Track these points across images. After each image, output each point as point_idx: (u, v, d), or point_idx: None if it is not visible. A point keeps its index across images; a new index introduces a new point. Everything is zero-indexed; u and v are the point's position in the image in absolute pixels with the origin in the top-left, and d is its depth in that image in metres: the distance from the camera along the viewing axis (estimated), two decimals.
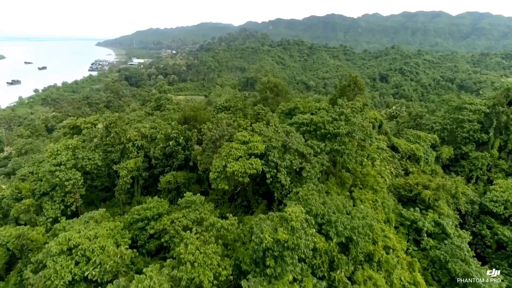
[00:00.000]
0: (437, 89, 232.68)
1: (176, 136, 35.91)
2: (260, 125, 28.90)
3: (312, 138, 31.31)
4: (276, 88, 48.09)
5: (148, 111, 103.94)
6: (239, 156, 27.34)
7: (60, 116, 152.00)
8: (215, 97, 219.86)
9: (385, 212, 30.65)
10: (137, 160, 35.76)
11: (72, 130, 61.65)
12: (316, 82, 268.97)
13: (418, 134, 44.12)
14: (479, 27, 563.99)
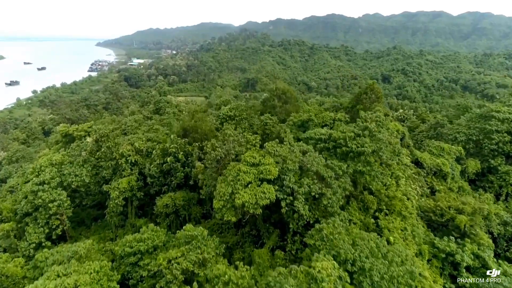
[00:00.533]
0: (441, 90, 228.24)
1: (174, 151, 31.57)
2: (273, 145, 24.51)
3: (331, 156, 26.96)
4: (285, 95, 43.56)
5: (147, 114, 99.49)
6: (249, 182, 22.98)
7: (57, 119, 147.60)
8: (215, 98, 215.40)
9: (416, 243, 26.33)
10: (130, 178, 31.42)
11: (65, 138, 57.29)
12: (317, 83, 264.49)
13: (442, 146, 39.78)
14: (480, 27, 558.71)
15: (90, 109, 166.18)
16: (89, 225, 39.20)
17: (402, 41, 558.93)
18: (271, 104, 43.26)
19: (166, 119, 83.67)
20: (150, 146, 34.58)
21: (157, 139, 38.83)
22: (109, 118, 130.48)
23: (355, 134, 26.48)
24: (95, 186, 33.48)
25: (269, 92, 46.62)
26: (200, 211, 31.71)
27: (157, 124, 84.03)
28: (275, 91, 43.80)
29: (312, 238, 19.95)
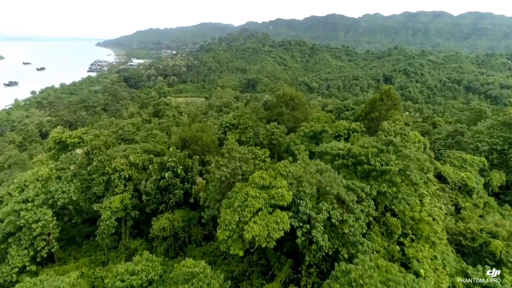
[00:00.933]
0: (444, 91, 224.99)
1: (173, 165, 28.21)
2: (285, 165, 21.08)
3: (350, 175, 23.57)
4: (293, 101, 40.23)
5: (146, 117, 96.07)
6: (259, 209, 19.63)
7: (55, 121, 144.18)
8: (216, 100, 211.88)
9: (447, 273, 22.97)
10: (124, 196, 28.05)
11: (58, 146, 53.87)
12: (318, 84, 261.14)
13: (463, 156, 36.44)
14: (480, 27, 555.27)
15: (88, 111, 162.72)
16: (80, 243, 35.76)
17: (403, 41, 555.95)
18: (278, 111, 39.93)
19: (165, 123, 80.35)
20: (146, 159, 31.19)
21: (155, 150, 35.43)
22: (107, 120, 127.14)
23: (378, 149, 23.10)
24: (86, 202, 30.13)
25: (275, 98, 43.17)
26: (201, 232, 28.38)
27: (156, 128, 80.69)
28: (282, 97, 40.45)
29: (337, 281, 16.59)
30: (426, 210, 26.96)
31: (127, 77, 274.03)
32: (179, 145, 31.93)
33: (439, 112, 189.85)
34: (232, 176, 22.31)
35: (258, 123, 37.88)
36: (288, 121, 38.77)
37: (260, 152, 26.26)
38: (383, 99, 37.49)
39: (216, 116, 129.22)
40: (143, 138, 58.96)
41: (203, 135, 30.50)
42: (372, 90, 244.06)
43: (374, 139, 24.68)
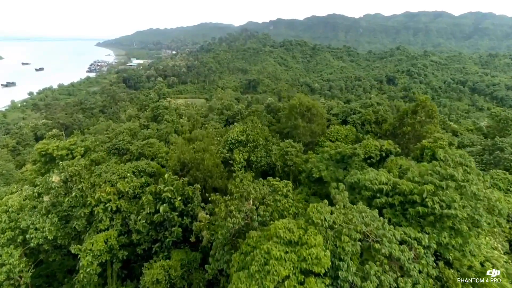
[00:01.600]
0: (448, 92, 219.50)
1: (170, 196, 22.68)
2: (319, 210, 15.54)
3: (396, 217, 18.10)
4: (309, 112, 34.63)
5: (144, 122, 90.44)
6: (285, 277, 14.17)
7: (50, 124, 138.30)
8: (216, 101, 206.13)
9: None
10: (109, 234, 22.51)
11: (43, 158, 48.35)
12: (320, 84, 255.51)
13: (509, 178, 31.09)
14: (482, 27, 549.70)
15: (85, 113, 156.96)
16: (61, 280, 30.20)
17: (404, 41, 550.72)
18: (293, 123, 34.35)
19: (164, 129, 74.81)
20: (138, 185, 25.63)
21: (149, 169, 29.93)
22: (104, 124, 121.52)
23: (436, 185, 17.61)
24: (64, 239, 24.64)
25: (289, 108, 37.39)
26: (204, 279, 22.90)
27: (154, 134, 75.15)
28: (298, 108, 34.83)
29: None
30: (484, 255, 21.49)
31: (126, 78, 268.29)
32: (178, 168, 26.38)
33: (445, 114, 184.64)
34: (247, 224, 16.87)
35: (269, 139, 32.27)
36: (304, 135, 33.23)
37: (280, 184, 20.65)
38: (418, 111, 31.83)
39: (217, 120, 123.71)
40: (139, 148, 53.41)
41: (205, 157, 24.96)
42: (375, 91, 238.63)
43: (425, 170, 19.13)
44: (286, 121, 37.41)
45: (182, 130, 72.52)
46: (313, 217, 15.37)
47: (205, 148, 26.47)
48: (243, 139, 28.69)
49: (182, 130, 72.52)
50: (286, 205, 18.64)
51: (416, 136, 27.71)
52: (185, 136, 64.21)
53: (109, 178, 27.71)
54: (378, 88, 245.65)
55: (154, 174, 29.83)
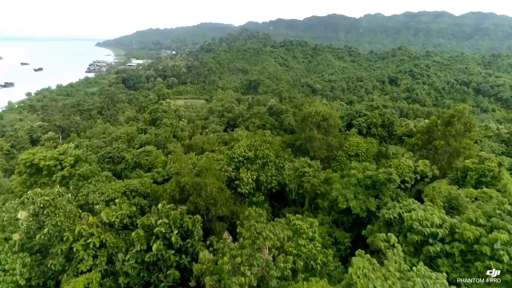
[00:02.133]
0: (452, 93, 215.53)
1: (164, 231, 18.51)
2: (366, 272, 11.56)
3: (456, 271, 14.05)
4: (326, 122, 30.43)
5: (141, 126, 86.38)
6: None
7: (47, 126, 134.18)
8: (216, 102, 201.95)
9: None
10: (91, 277, 18.44)
11: (29, 169, 44.30)
12: (322, 85, 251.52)
13: None
14: (482, 28, 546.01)
15: (83, 115, 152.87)
16: None
17: (404, 41, 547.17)
18: (307, 135, 30.17)
19: (162, 134, 70.70)
20: (127, 213, 21.50)
21: (143, 190, 25.90)
22: (101, 127, 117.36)
23: (510, 233, 13.49)
24: (40, 278, 20.56)
25: (302, 117, 33.10)
26: None
27: (152, 139, 71.15)
28: (313, 117, 30.56)
29: None
30: None
31: (125, 78, 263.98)
32: (176, 194, 22.20)
33: None
34: (262, 278, 12.90)
35: (280, 153, 27.98)
36: (320, 149, 29.09)
37: (304, 224, 16.52)
38: (453, 123, 27.51)
39: (218, 122, 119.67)
40: (135, 157, 49.32)
41: (208, 182, 20.82)
42: (378, 91, 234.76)
43: (492, 209, 15.04)
44: (299, 132, 33.11)
45: (182, 135, 68.42)
46: (358, 286, 11.20)
47: (207, 167, 22.43)
48: (250, 156, 24.52)
49: (182, 135, 68.42)
50: (313, 252, 14.74)
51: (450, 152, 23.77)
52: (184, 143, 60.22)
53: (97, 199, 23.71)
54: (381, 89, 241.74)
55: (148, 195, 25.88)
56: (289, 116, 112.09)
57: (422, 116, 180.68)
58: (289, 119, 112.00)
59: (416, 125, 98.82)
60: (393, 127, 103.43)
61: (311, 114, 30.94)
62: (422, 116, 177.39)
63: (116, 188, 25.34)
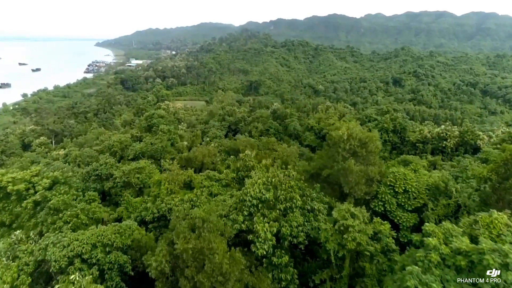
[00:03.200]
0: (458, 94, 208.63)
1: None
2: None
3: None
4: (364, 149, 23.33)
5: (136, 133, 79.34)
6: None
7: (39, 130, 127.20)
8: (217, 104, 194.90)
9: None
10: None
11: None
12: (325, 86, 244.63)
13: None
14: (484, 28, 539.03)
15: (78, 118, 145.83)
16: None
17: (405, 41, 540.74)
18: (341, 166, 22.84)
19: (158, 143, 63.79)
20: None
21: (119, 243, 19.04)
22: (96, 132, 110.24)
23: None
24: None
25: (332, 142, 25.57)
26: None
27: (147, 147, 64.31)
28: (347, 142, 23.37)
29: None
30: None
31: (124, 79, 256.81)
32: (166, 268, 14.96)
33: (458, 118, 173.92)
34: None
35: (307, 192, 20.64)
36: (358, 185, 22.02)
37: None
38: None
39: (218, 127, 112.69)
40: (125, 175, 42.43)
41: (214, 247, 13.99)
42: (382, 93, 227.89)
43: None
44: (327, 160, 25.82)
45: (180, 146, 61.48)
46: None
47: (211, 221, 15.29)
48: (269, 197, 17.60)
49: (180, 146, 61.48)
50: None
51: None
52: (182, 156, 53.31)
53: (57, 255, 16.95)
54: (384, 90, 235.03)
55: (128, 249, 19.17)
56: (294, 121, 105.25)
57: (429, 119, 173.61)
58: (294, 123, 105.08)
59: (431, 131, 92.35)
60: (406, 133, 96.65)
61: (343, 137, 23.57)
62: (429, 118, 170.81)
63: (84, 239, 18.57)
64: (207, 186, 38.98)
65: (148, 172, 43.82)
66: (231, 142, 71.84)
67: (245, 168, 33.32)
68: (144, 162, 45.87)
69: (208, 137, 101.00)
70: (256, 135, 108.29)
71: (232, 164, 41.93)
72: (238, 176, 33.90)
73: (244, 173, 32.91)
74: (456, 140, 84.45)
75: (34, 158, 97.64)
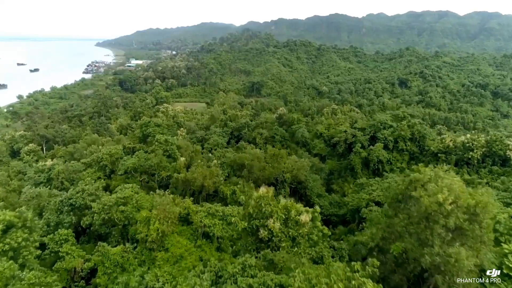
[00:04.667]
0: (468, 96, 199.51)
1: None
2: None
3: None
4: (476, 221, 14.02)
5: (129, 144, 70.50)
6: None
7: (29, 136, 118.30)
8: (218, 107, 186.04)
9: None
10: None
11: None
12: (329, 87, 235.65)
13: None
14: (487, 27, 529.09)
15: (72, 122, 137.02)
16: None
17: (408, 41, 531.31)
18: (438, 251, 13.09)
19: (152, 159, 55.08)
20: None
21: None
22: (88, 140, 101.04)
23: None
24: None
25: (419, 219, 15.77)
26: None
27: (141, 163, 55.68)
28: (450, 216, 13.42)
29: None
30: None
31: (122, 80, 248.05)
32: None
33: (470, 121, 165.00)
34: None
35: None
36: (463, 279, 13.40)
37: None
38: None
39: (220, 133, 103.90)
40: (105, 210, 33.60)
41: None
42: (388, 94, 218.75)
43: None
44: (395, 226, 16.87)
45: (178, 165, 52.62)
46: None
47: None
48: None
49: (178, 165, 52.62)
50: None
51: None
52: (179, 177, 44.59)
53: None
54: (390, 92, 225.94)
55: None
56: (301, 127, 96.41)
57: (439, 123, 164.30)
58: (302, 130, 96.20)
59: (454, 139, 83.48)
60: (425, 141, 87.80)
61: (447, 209, 14.12)
62: (439, 122, 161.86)
63: None
64: (208, 225, 30.46)
65: (136, 203, 35.09)
66: (235, 155, 63.16)
67: (260, 215, 24.79)
68: (131, 190, 37.09)
69: (209, 145, 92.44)
70: (260, 142, 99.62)
71: (243, 198, 33.30)
72: (251, 226, 25.25)
73: (259, 222, 24.41)
74: (483, 150, 75.91)
75: (21, 167, 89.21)
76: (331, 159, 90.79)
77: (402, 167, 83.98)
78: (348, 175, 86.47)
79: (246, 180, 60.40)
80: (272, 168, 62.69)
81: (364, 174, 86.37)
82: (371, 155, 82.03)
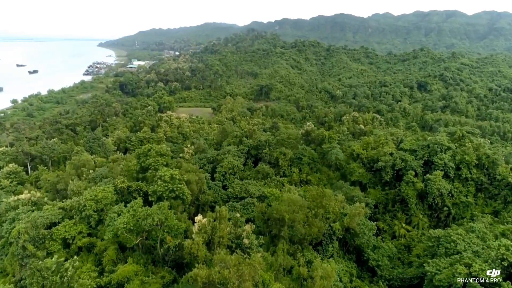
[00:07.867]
0: (497, 101, 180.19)
1: None
2: None
3: None
4: None
5: (122, 183, 51.27)
6: None
7: (11, 152, 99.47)
8: (225, 113, 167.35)
9: None
10: None
11: None
12: (343, 91, 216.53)
13: None
14: (497, 27, 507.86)
15: (63, 134, 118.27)
16: None
17: (415, 41, 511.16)
18: None
19: (154, 213, 36.68)
20: None
21: None
22: (78, 159, 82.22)
23: None
24: None
25: None
26: None
27: (137, 217, 37.54)
28: None
29: None
30: None
31: (123, 83, 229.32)
32: None
33: (508, 131, 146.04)
34: None
35: None
36: None
37: None
38: None
39: (235, 153, 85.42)
40: None
41: None
42: (407, 98, 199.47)
43: None
44: None
45: (192, 250, 33.65)
46: None
47: None
48: None
49: (192, 250, 33.65)
50: None
51: None
52: (197, 276, 25.70)
53: None
54: (409, 96, 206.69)
55: None
56: (335, 148, 77.62)
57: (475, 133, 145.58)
58: (336, 151, 77.32)
59: None
60: (496, 169, 69.26)
61: None
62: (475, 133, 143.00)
63: None
64: None
65: None
66: (267, 206, 44.68)
67: None
68: None
69: (223, 168, 73.96)
70: (284, 165, 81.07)
71: None
72: None
73: None
74: None
75: None
76: (374, 188, 72.42)
77: (468, 201, 64.94)
78: (398, 209, 67.71)
79: (287, 241, 42.05)
80: (318, 221, 44.21)
81: (418, 209, 67.96)
82: (430, 187, 63.73)
